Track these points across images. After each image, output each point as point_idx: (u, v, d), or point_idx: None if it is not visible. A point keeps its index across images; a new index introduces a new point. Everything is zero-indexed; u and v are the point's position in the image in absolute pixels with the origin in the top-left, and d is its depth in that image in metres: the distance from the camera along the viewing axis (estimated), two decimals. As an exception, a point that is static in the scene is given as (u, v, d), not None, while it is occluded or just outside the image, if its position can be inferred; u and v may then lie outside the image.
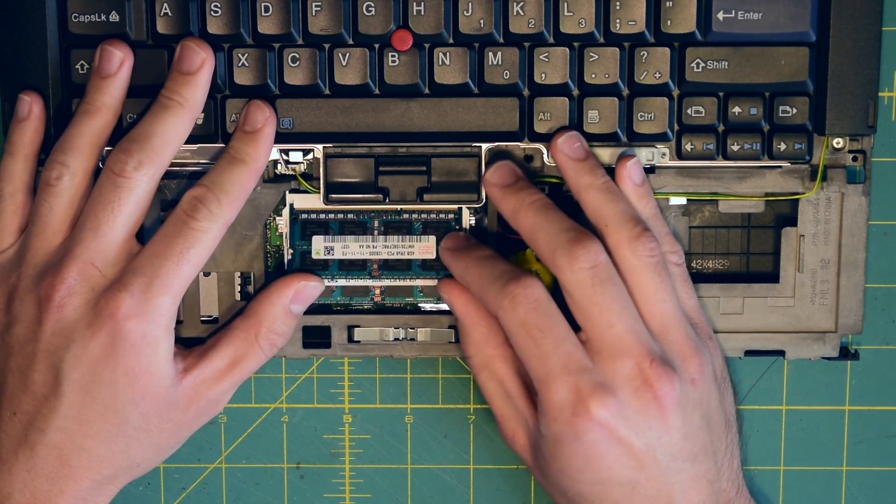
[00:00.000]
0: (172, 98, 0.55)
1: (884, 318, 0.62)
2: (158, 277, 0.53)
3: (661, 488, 0.54)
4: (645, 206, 0.56)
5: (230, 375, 0.56)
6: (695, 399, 0.54)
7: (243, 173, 0.56)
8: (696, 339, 0.55)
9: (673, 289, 0.55)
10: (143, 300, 0.53)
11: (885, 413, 0.63)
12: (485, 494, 0.63)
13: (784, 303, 0.59)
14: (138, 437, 0.55)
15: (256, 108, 0.56)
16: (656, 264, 0.54)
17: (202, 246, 0.54)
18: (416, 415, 0.63)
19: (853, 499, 0.63)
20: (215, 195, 0.54)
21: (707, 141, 0.57)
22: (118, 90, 0.56)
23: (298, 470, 0.63)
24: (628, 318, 0.54)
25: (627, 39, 0.57)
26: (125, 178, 0.54)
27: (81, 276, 0.54)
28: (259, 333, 0.57)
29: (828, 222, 0.58)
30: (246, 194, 0.56)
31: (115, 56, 0.55)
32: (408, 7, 0.56)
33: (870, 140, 0.58)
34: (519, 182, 0.56)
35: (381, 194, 0.58)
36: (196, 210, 0.54)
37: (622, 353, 0.53)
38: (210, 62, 0.56)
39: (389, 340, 0.60)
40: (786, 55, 0.56)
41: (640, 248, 0.54)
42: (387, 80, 0.57)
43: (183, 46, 0.55)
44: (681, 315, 0.55)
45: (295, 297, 0.57)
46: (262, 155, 0.56)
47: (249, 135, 0.56)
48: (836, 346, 0.59)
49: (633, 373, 0.53)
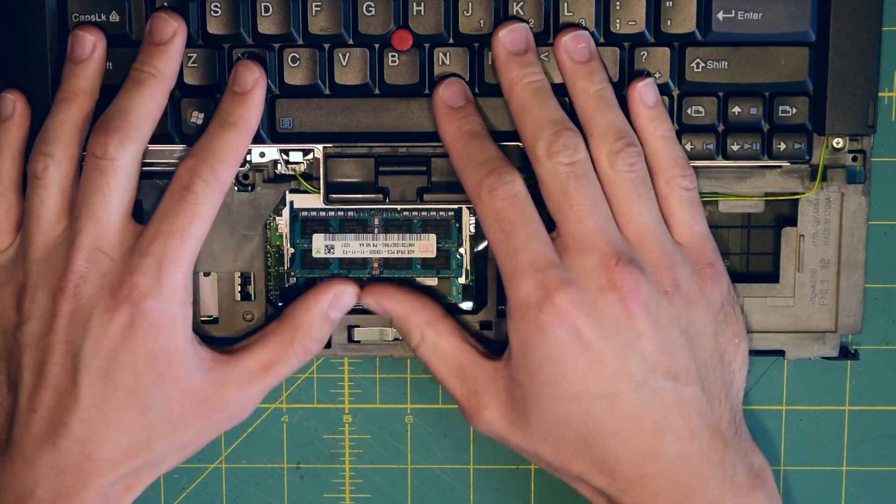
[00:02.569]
0: (145, 70, 0.55)
1: (884, 318, 0.62)
2: (166, 255, 0.53)
3: (641, 406, 0.52)
4: (657, 128, 0.55)
5: (261, 379, 0.56)
6: (669, 312, 0.53)
7: (235, 136, 0.55)
8: (676, 256, 0.54)
9: (653, 205, 0.54)
10: (156, 279, 0.53)
11: (885, 413, 0.63)
12: (485, 494, 0.63)
13: (784, 303, 0.59)
14: (162, 427, 0.54)
15: (245, 67, 0.55)
16: (634, 179, 0.54)
17: (203, 217, 0.54)
18: (416, 415, 0.63)
19: (853, 499, 0.63)
20: (209, 164, 0.54)
21: (707, 141, 0.57)
22: (93, 74, 0.55)
23: (298, 470, 0.63)
24: (598, 216, 0.53)
25: (627, 39, 0.57)
26: (109, 161, 0.54)
27: (91, 263, 0.53)
28: (295, 338, 0.56)
29: (828, 222, 0.58)
30: (240, 158, 0.55)
31: (87, 40, 0.55)
32: (408, 7, 0.56)
33: (870, 140, 0.58)
34: (528, 54, 0.55)
35: (381, 194, 0.58)
36: (192, 183, 0.54)
37: (589, 249, 0.52)
38: (182, 31, 0.55)
39: (389, 340, 0.60)
40: (786, 55, 0.56)
41: (619, 161, 0.53)
42: (387, 80, 0.57)
43: (154, 17, 0.55)
44: (660, 231, 0.54)
45: (333, 302, 0.57)
46: (254, 116, 0.56)
47: (239, 96, 0.55)
48: (835, 346, 0.59)
49: (599, 270, 0.52)
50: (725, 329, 0.55)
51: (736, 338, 0.56)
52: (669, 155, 0.55)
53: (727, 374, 0.55)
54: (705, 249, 0.56)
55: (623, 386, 0.52)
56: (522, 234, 0.53)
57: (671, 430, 0.53)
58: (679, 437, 0.53)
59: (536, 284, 0.52)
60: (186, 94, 0.57)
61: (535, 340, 0.52)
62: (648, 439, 0.52)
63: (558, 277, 0.52)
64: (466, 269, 0.60)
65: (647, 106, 0.55)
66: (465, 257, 0.59)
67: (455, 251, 0.59)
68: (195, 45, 0.56)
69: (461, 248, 0.59)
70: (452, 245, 0.59)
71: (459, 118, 0.55)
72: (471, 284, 0.60)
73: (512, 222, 0.53)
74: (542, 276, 0.52)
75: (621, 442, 0.53)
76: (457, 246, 0.59)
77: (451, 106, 0.56)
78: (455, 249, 0.59)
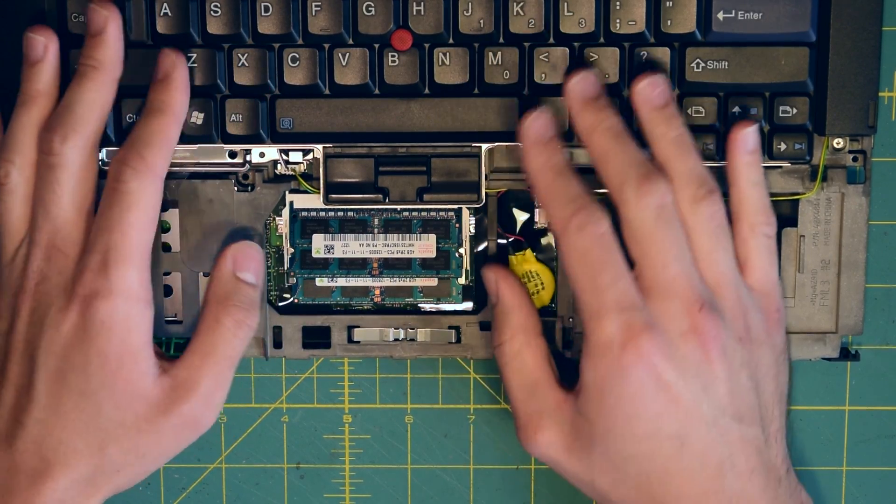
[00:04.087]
0: (86, 63, 0.55)
1: (884, 319, 0.62)
2: (110, 251, 0.53)
3: (708, 446, 0.53)
4: (751, 174, 0.56)
5: (207, 370, 0.54)
6: (742, 357, 0.54)
7: (162, 121, 0.54)
8: (748, 302, 0.55)
9: (731, 252, 0.55)
10: (104, 276, 0.52)
11: (885, 413, 0.63)
12: (485, 494, 0.63)
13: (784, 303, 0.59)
14: (115, 432, 0.53)
15: (164, 55, 0.55)
16: (715, 228, 0.54)
17: (140, 206, 0.53)
18: (416, 415, 0.63)
19: (853, 499, 0.63)
20: (136, 150, 0.54)
21: (707, 141, 0.57)
22: (49, 75, 0.55)
23: (298, 470, 0.63)
24: (683, 262, 0.53)
25: (627, 39, 0.57)
26: (55, 156, 0.53)
27: (48, 261, 0.53)
28: (219, 314, 0.55)
29: (828, 223, 0.58)
30: (170, 143, 0.55)
31: (38, 42, 0.55)
32: (408, 7, 0.56)
33: (870, 140, 0.58)
34: (600, 99, 0.55)
35: (381, 194, 0.58)
36: (121, 172, 0.53)
37: (673, 295, 0.53)
38: (115, 18, 0.55)
39: (389, 341, 0.60)
40: (786, 55, 0.56)
41: (700, 209, 0.54)
42: (387, 80, 0.57)
43: (88, 10, 0.55)
44: (736, 278, 0.55)
45: (236, 264, 0.56)
46: (178, 100, 0.55)
47: (161, 83, 0.55)
48: (836, 347, 0.59)
49: (682, 315, 0.53)
50: (784, 369, 0.57)
51: (787, 377, 0.57)
52: (759, 202, 0.56)
53: (782, 413, 0.56)
54: (775, 296, 0.56)
55: (694, 427, 0.53)
56: (609, 273, 0.53)
57: (733, 469, 0.53)
58: (740, 475, 0.54)
59: (621, 325, 0.52)
60: (186, 94, 0.57)
61: (614, 379, 0.53)
62: (712, 477, 0.53)
63: (643, 320, 0.52)
64: (466, 269, 0.60)
65: (746, 151, 0.56)
66: (465, 257, 0.59)
67: (455, 251, 0.59)
68: (195, 44, 0.56)
69: (461, 249, 0.59)
70: (452, 245, 0.59)
71: (545, 152, 0.55)
72: (471, 284, 0.60)
73: (600, 261, 0.53)
74: (627, 317, 0.52)
75: (686, 480, 0.53)
76: (457, 246, 0.59)
77: (537, 140, 0.55)
78: (455, 249, 0.59)
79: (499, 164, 0.58)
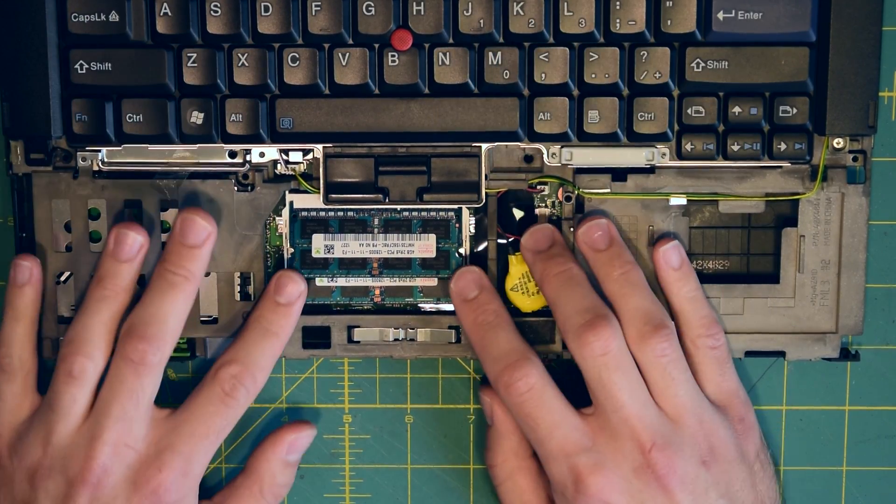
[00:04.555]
0: (178, 273, 0.56)
1: (884, 318, 0.62)
2: (197, 454, 0.56)
3: None
4: (681, 288, 0.57)
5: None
6: (707, 480, 0.54)
7: (276, 346, 0.57)
8: (712, 422, 0.55)
9: (688, 380, 0.55)
10: (183, 475, 0.55)
11: (885, 413, 0.63)
12: (485, 494, 0.63)
13: (784, 303, 0.59)
14: None
15: (290, 280, 0.58)
16: (666, 364, 0.55)
17: (236, 418, 0.57)
18: (416, 415, 0.63)
19: (853, 499, 0.63)
20: (251, 372, 0.56)
21: (707, 141, 0.57)
22: (134, 273, 0.57)
23: (298, 470, 0.63)
24: (636, 403, 0.54)
25: (627, 39, 0.57)
26: (146, 367, 0.55)
27: (115, 456, 0.55)
28: (263, 489, 0.59)
29: (828, 223, 0.58)
30: (274, 363, 0.58)
31: (134, 241, 0.56)
32: (408, 7, 0.56)
33: (870, 140, 0.58)
34: (552, 248, 0.57)
35: (381, 194, 0.58)
36: (235, 389, 0.56)
37: (625, 435, 0.54)
38: (215, 233, 0.57)
39: (389, 341, 0.60)
40: (786, 55, 0.56)
41: (648, 347, 0.55)
42: (387, 80, 0.57)
43: (185, 219, 0.56)
44: (695, 404, 0.55)
45: (289, 449, 0.59)
46: (293, 326, 0.58)
47: (283, 307, 0.57)
48: (836, 347, 0.59)
49: (635, 453, 0.54)
50: (763, 476, 0.57)
51: (771, 479, 0.57)
52: (695, 314, 0.57)
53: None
54: (736, 404, 0.57)
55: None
56: (545, 424, 0.54)
57: None
58: None
59: (569, 469, 0.54)
60: (186, 94, 0.57)
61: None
62: None
63: (590, 462, 0.54)
64: (466, 269, 0.60)
65: (672, 268, 0.57)
66: (465, 258, 0.59)
67: (455, 251, 0.59)
68: (195, 44, 0.56)
69: (461, 249, 0.59)
70: (452, 245, 0.59)
71: (473, 310, 0.57)
72: (471, 284, 0.60)
73: (532, 416, 0.55)
74: (572, 462, 0.54)
75: None
76: (457, 246, 0.59)
77: (465, 298, 0.57)
78: (455, 250, 0.59)
79: (499, 164, 0.58)
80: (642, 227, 0.59)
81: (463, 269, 0.58)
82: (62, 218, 0.59)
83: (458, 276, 0.58)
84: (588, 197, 0.58)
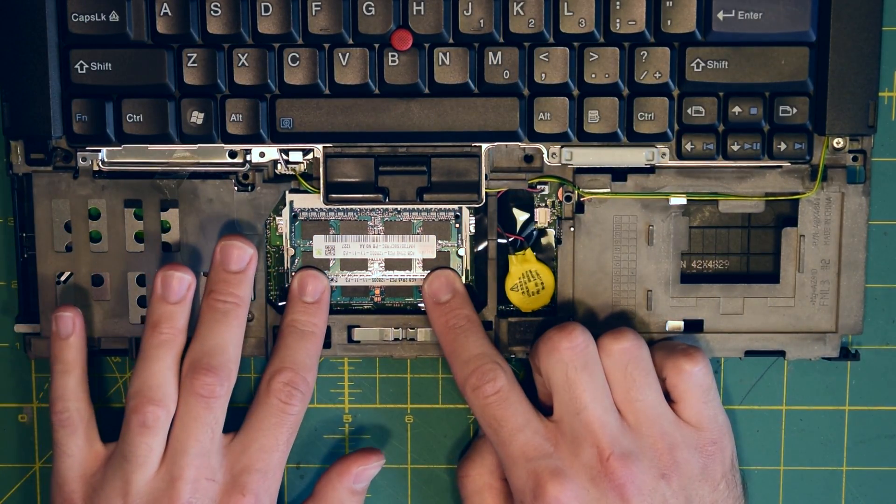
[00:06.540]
0: (228, 301, 0.56)
1: (884, 318, 0.62)
2: (271, 469, 0.57)
3: None
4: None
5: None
6: (666, 492, 0.54)
7: (316, 344, 0.58)
8: (676, 436, 0.55)
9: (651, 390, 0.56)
10: (265, 493, 0.56)
11: (885, 413, 0.63)
12: (485, 494, 0.63)
13: (784, 303, 0.59)
14: None
15: (314, 277, 0.58)
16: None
17: (298, 423, 0.57)
18: (416, 415, 0.63)
19: (853, 499, 0.63)
20: (301, 376, 0.57)
21: (707, 141, 0.57)
22: (189, 313, 0.57)
23: (298, 470, 0.63)
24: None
25: (627, 39, 0.57)
26: (216, 399, 0.56)
27: (197, 492, 0.55)
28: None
29: (828, 222, 0.58)
30: (318, 360, 0.58)
31: (184, 281, 0.57)
32: (408, 7, 0.56)
33: (870, 140, 0.58)
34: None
35: (381, 194, 0.58)
36: (291, 396, 0.56)
37: (582, 444, 0.54)
38: (256, 255, 0.57)
39: (389, 340, 0.60)
40: (786, 55, 0.56)
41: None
42: (387, 80, 0.57)
43: (225, 246, 0.57)
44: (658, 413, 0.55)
45: (356, 479, 0.60)
46: (325, 321, 0.59)
47: (312, 305, 0.58)
48: (836, 347, 0.59)
49: (593, 461, 0.54)
50: (727, 495, 0.57)
51: (736, 500, 0.57)
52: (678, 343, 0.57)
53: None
54: (710, 429, 0.56)
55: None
56: (508, 427, 0.55)
57: None
58: None
59: (528, 474, 0.54)
60: (186, 94, 0.57)
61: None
62: None
63: (550, 468, 0.54)
64: (466, 269, 0.60)
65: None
66: (465, 258, 0.59)
67: (455, 252, 0.59)
68: (195, 44, 0.56)
69: (461, 249, 0.59)
70: (452, 246, 0.59)
71: (445, 313, 0.58)
72: (471, 285, 0.60)
73: (497, 417, 0.55)
74: (533, 466, 0.54)
75: None
76: (457, 246, 0.59)
77: (437, 301, 0.58)
78: (455, 250, 0.59)
79: (499, 164, 0.58)
80: (642, 227, 0.59)
81: (437, 272, 0.59)
82: (62, 218, 0.59)
83: (432, 278, 0.59)
84: (588, 197, 0.58)
